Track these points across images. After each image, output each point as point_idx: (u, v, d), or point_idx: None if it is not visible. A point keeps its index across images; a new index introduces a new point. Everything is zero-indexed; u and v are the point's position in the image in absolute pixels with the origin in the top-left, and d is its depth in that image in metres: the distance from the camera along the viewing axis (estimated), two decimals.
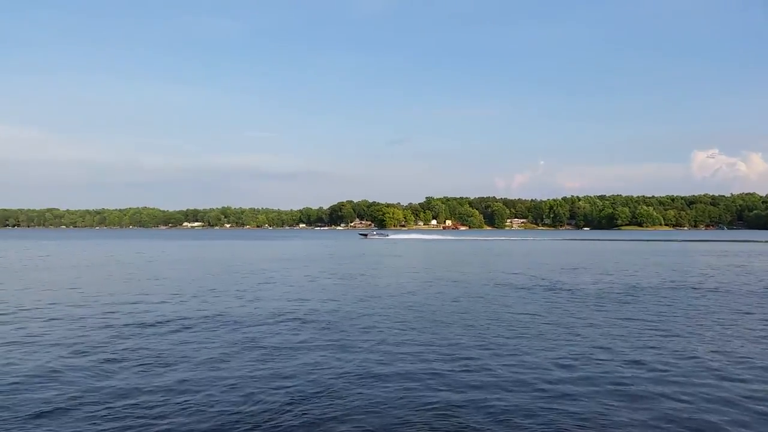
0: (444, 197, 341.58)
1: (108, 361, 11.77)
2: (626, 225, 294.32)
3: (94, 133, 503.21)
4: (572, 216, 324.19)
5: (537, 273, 33.66)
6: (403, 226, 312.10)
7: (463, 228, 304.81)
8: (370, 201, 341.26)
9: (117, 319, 16.80)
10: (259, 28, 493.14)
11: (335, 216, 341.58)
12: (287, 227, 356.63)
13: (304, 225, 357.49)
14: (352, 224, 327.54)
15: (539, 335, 14.70)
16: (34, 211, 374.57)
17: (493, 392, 9.85)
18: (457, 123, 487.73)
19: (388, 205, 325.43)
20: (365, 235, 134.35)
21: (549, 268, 37.26)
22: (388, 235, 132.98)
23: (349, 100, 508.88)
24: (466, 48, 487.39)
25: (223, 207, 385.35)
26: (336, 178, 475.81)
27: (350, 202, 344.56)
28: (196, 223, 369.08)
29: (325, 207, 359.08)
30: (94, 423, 8.30)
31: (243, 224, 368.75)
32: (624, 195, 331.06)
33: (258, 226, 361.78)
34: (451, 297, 22.48)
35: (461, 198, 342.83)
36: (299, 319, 17.09)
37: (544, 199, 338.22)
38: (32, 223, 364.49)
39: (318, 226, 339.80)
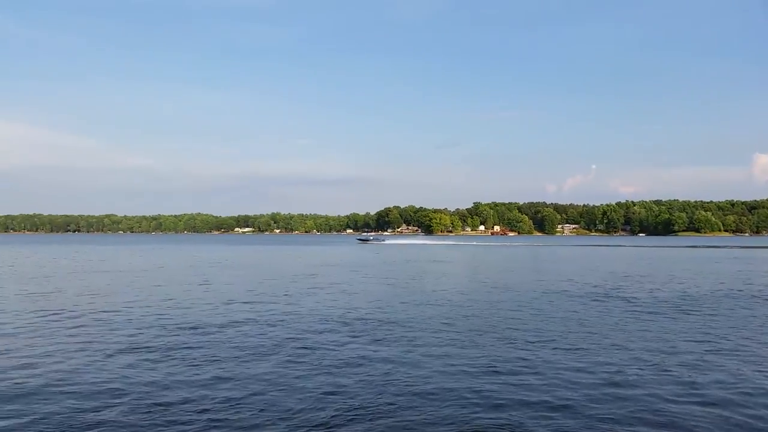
0: (492, 202, 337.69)
1: (161, 360, 12.09)
2: (683, 231, 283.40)
3: (150, 142, 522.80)
4: (627, 222, 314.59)
5: (591, 280, 32.73)
6: (450, 231, 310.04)
7: (511, 234, 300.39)
8: (417, 206, 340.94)
9: (171, 320, 17.28)
10: (304, 35, 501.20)
11: (382, 221, 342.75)
12: (334, 233, 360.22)
13: (351, 231, 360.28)
14: (398, 230, 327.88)
15: (598, 345, 14.25)
16: (93, 216, 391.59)
17: (555, 410, 9.59)
18: (506, 126, 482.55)
19: (435, 211, 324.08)
20: (365, 240, 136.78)
21: (602, 276, 36.18)
22: (384, 241, 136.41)
23: (395, 105, 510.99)
24: (513, 50, 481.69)
25: (272, 213, 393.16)
26: (383, 183, 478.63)
27: (397, 207, 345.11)
28: (246, 229, 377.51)
29: (372, 213, 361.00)
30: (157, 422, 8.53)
31: (292, 230, 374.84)
32: (681, 200, 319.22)
33: (306, 232, 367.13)
34: (503, 304, 22.10)
35: (510, 203, 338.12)
36: (352, 324, 17.15)
37: (597, 204, 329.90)
38: (92, 229, 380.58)
39: (365, 232, 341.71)
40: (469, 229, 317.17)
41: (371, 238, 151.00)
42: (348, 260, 56.76)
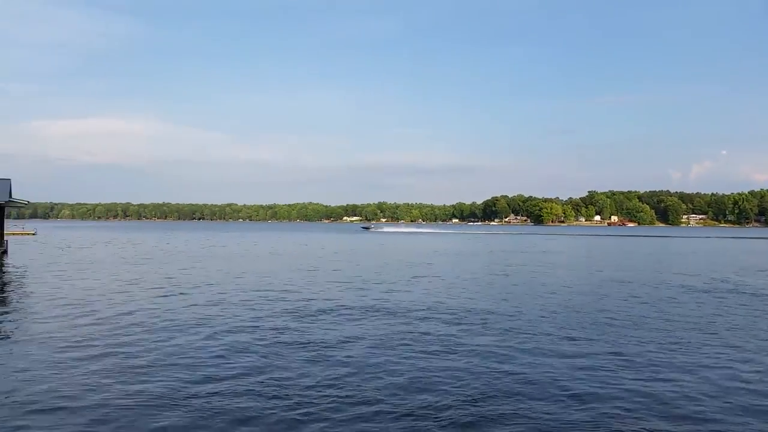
0: (609, 191, 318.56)
1: (279, 343, 11.84)
2: None
3: (266, 135, 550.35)
4: (761, 212, 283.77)
5: (721, 275, 29.19)
6: (562, 221, 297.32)
7: (631, 224, 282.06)
8: (526, 195, 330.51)
9: (290, 304, 17.28)
10: (407, 26, 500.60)
11: (489, 211, 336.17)
12: (440, 222, 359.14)
13: (456, 220, 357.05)
14: (506, 219, 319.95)
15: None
16: (216, 205, 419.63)
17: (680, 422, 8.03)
18: (624, 111, 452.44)
19: (545, 200, 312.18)
20: (366, 228, 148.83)
21: (734, 271, 32.21)
22: (382, 229, 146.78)
23: (503, 92, 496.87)
24: (630, 32, 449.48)
25: (379, 202, 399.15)
26: (490, 172, 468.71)
27: (505, 196, 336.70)
28: (354, 218, 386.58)
29: (479, 202, 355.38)
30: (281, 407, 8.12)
31: (398, 219, 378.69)
32: None
33: (412, 221, 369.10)
34: (621, 299, 20.04)
35: (629, 192, 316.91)
36: (459, 314, 16.18)
37: (728, 192, 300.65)
38: (215, 217, 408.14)
39: (471, 221, 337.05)
40: (583, 219, 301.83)
41: (372, 226, 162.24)
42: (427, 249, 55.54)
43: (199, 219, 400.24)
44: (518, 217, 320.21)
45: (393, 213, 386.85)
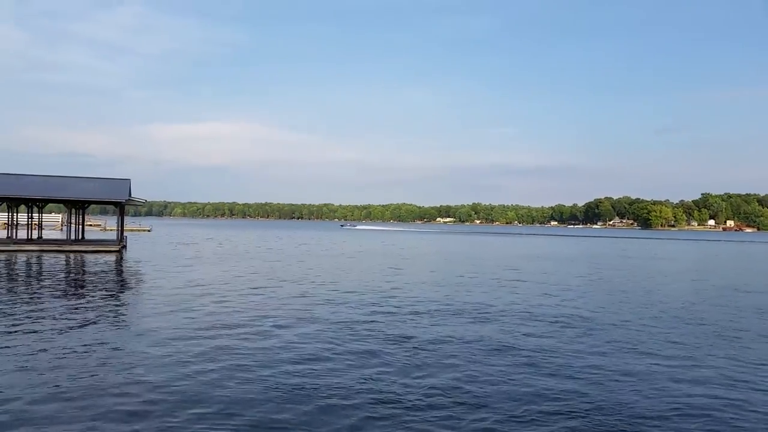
0: (725, 194, 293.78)
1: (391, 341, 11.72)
2: None
3: (361, 136, 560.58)
4: None
5: None
6: (672, 226, 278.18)
7: (749, 230, 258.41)
8: (633, 197, 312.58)
9: (395, 304, 17.19)
10: (504, 24, 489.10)
11: (591, 213, 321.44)
12: (537, 224, 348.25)
13: (555, 222, 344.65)
14: (610, 222, 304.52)
15: None
16: (313, 205, 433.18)
17: None
18: (742, 107, 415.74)
19: (654, 203, 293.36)
20: (343, 225, 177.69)
21: None
22: (356, 227, 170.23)
23: (605, 88, 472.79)
24: (746, 20, 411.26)
25: (473, 203, 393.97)
26: (592, 172, 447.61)
27: (609, 198, 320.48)
28: (447, 219, 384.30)
29: (580, 204, 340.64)
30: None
31: (492, 221, 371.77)
32: None
33: (507, 223, 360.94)
34: (744, 311, 18.06)
35: (747, 195, 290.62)
36: (566, 320, 15.28)
37: None
38: (312, 216, 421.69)
39: (571, 224, 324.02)
40: (696, 224, 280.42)
41: (347, 225, 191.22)
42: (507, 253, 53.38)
43: (298, 218, 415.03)
44: (623, 221, 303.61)
45: (487, 214, 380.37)
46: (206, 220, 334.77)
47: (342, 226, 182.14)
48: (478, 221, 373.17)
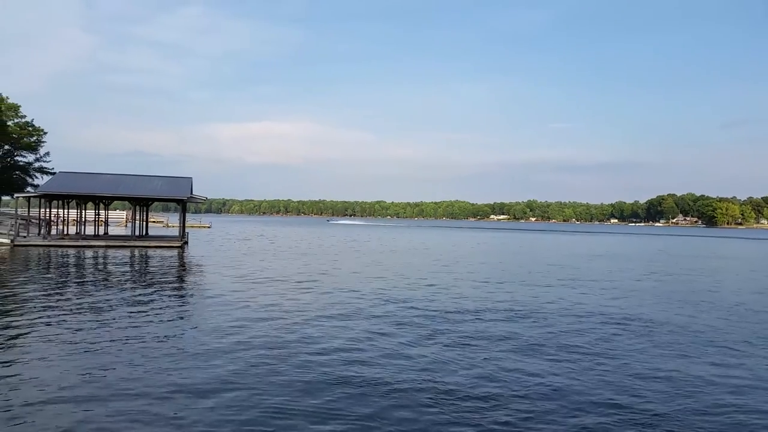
0: None
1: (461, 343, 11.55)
2: None
3: (413, 132, 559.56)
4: None
5: None
6: (740, 224, 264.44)
7: None
8: (697, 194, 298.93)
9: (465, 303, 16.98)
10: (558, 17, 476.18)
11: (653, 211, 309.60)
12: (596, 222, 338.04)
13: (615, 220, 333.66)
14: (673, 220, 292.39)
15: None
16: (366, 202, 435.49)
17: None
18: None
19: (720, 199, 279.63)
20: (329, 221, 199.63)
21: None
22: (338, 221, 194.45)
23: (668, 82, 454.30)
24: None
25: (528, 200, 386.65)
26: (655, 168, 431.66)
27: (672, 195, 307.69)
28: (501, 216, 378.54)
29: (642, 201, 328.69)
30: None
31: (548, 218, 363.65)
32: None
33: (564, 221, 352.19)
34: None
35: None
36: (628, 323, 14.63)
37: None
38: (365, 213, 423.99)
39: (632, 222, 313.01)
40: (766, 222, 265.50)
41: (330, 220, 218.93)
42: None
43: (351, 215, 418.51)
44: (687, 218, 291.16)
45: (543, 212, 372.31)
46: (262, 217, 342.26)
47: (329, 221, 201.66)
48: (533, 218, 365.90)
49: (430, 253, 43.28)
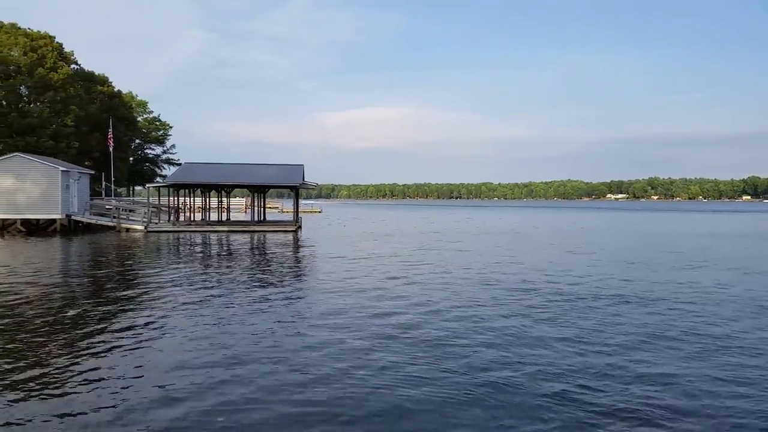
0: None
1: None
2: None
3: (518, 111, 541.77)
4: None
5: None
6: None
7: None
8: None
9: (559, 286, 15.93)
10: None
11: None
12: (726, 200, 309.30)
13: (748, 197, 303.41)
14: None
15: None
16: (472, 185, 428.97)
17: None
18: None
19: None
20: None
21: None
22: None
23: None
24: None
25: (649, 178, 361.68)
26: None
27: None
28: (619, 195, 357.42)
29: None
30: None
31: (672, 196, 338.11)
32: None
33: (690, 198, 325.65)
34: None
35: None
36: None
37: None
38: (471, 196, 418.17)
39: (767, 198, 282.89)
40: None
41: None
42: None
43: (457, 198, 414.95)
44: None
45: (666, 189, 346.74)
46: (369, 201, 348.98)
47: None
48: (655, 197, 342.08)
49: (586, 232, 41.34)
